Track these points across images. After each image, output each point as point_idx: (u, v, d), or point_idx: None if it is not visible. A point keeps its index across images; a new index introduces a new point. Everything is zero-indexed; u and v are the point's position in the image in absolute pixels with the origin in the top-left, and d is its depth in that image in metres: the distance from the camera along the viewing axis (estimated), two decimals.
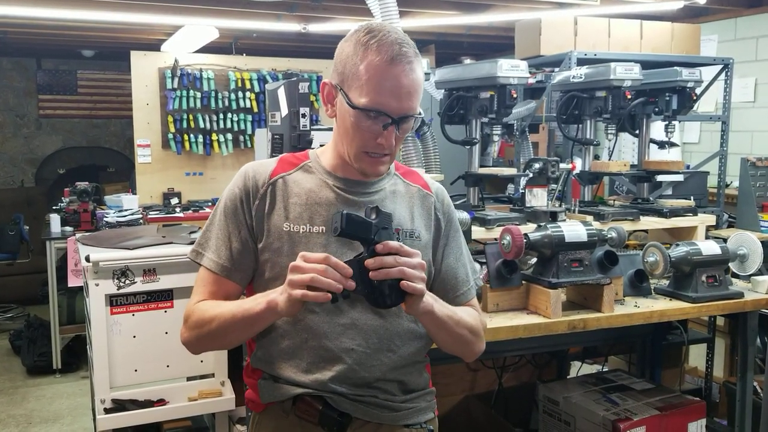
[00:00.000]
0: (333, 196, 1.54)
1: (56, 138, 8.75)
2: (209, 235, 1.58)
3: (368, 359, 1.50)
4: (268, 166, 1.59)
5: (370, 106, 1.42)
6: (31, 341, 5.32)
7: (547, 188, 2.94)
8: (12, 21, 5.53)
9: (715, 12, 5.40)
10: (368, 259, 1.33)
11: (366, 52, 1.43)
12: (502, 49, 7.07)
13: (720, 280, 2.67)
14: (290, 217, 1.52)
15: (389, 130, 1.44)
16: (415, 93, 1.45)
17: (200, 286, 1.57)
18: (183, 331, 1.56)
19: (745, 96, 5.19)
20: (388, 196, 1.58)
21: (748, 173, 4.05)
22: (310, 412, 1.51)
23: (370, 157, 1.49)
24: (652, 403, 2.92)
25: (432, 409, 1.66)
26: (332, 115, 1.54)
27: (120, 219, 4.76)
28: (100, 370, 2.98)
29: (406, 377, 1.58)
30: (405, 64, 1.42)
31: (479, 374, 3.40)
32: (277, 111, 2.86)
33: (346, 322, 1.49)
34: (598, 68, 3.17)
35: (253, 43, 6.87)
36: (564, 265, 2.42)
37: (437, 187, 1.69)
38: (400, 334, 1.54)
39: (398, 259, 1.33)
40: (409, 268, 1.34)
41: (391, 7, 3.33)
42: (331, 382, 1.49)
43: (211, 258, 1.55)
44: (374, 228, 1.35)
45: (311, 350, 1.50)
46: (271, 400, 1.56)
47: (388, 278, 1.33)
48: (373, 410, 1.54)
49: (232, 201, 1.56)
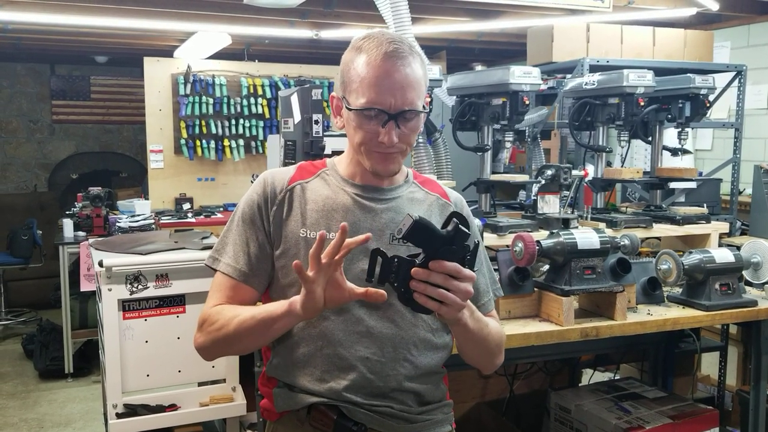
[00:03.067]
0: (350, 202, 1.53)
1: (69, 143, 8.80)
2: (226, 241, 1.57)
3: (383, 368, 1.48)
4: (286, 174, 1.59)
5: (366, 106, 1.44)
6: (43, 345, 5.35)
7: (559, 195, 2.93)
8: (26, 27, 5.58)
9: (728, 19, 5.38)
10: (417, 267, 1.29)
11: (359, 55, 1.46)
12: (514, 55, 7.07)
13: (733, 288, 2.65)
14: (307, 224, 1.51)
15: (389, 127, 1.44)
16: (409, 87, 1.44)
17: (216, 291, 1.55)
18: (197, 336, 1.54)
19: (758, 103, 5.16)
20: (406, 203, 1.58)
21: (761, 180, 4.03)
22: (324, 421, 1.49)
23: (379, 153, 1.49)
24: (664, 411, 2.91)
25: (449, 421, 1.63)
26: (341, 126, 1.55)
27: (132, 224, 4.79)
28: (112, 375, 3.00)
29: (423, 388, 1.55)
30: (397, 59, 1.43)
31: (490, 381, 3.39)
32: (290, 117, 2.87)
33: (362, 330, 1.48)
34: (611, 75, 3.16)
35: (266, 49, 6.90)
36: (576, 272, 2.41)
37: (456, 196, 1.69)
38: (416, 344, 1.52)
39: (447, 281, 1.28)
40: (453, 293, 1.29)
41: (403, 13, 3.34)
42: (346, 391, 1.48)
43: (228, 263, 1.55)
44: (440, 241, 1.29)
45: (326, 358, 1.48)
46: (286, 408, 1.54)
47: (425, 293, 1.29)
48: (388, 421, 1.51)
49: (250, 207, 1.56)
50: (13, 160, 8.55)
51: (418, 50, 1.50)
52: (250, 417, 3.24)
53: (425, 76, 1.50)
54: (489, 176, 2.99)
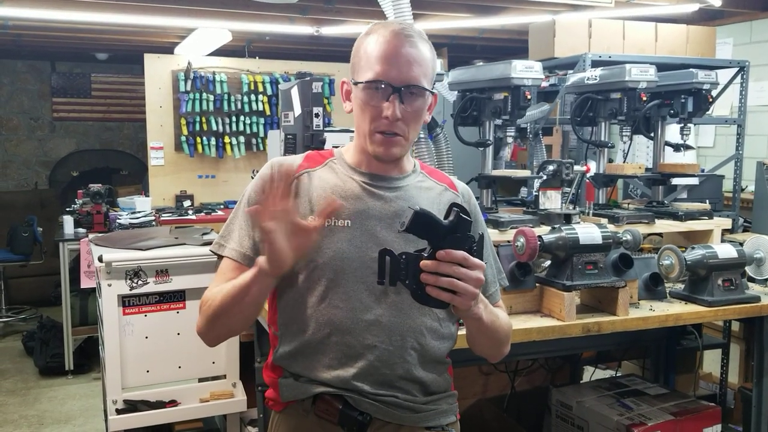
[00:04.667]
0: (359, 190, 1.54)
1: (70, 141, 8.80)
2: (232, 227, 1.57)
3: (390, 357, 1.49)
4: (294, 161, 1.60)
5: (371, 78, 1.47)
6: (43, 342, 5.35)
7: (561, 191, 2.92)
8: (26, 24, 5.57)
9: (731, 15, 5.36)
10: (426, 260, 1.29)
11: (369, 36, 1.51)
12: (516, 51, 7.05)
13: (736, 284, 2.63)
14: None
15: (392, 100, 1.46)
16: (415, 63, 1.47)
17: (219, 275, 1.55)
18: (198, 321, 1.54)
19: (760, 99, 5.14)
20: (415, 191, 1.58)
21: (764, 177, 4.01)
22: (329, 411, 1.50)
23: (382, 137, 1.49)
24: (666, 408, 2.89)
25: (454, 412, 1.64)
26: (350, 110, 1.57)
27: (133, 221, 4.77)
28: (112, 371, 2.99)
29: (429, 378, 1.55)
30: (404, 38, 1.47)
31: (492, 378, 3.38)
32: (291, 111, 2.85)
33: (370, 319, 1.48)
34: (613, 69, 3.14)
35: (266, 46, 6.89)
36: (578, 267, 2.39)
37: (463, 186, 1.70)
38: (423, 333, 1.52)
39: (456, 270, 1.28)
40: (464, 282, 1.29)
41: (404, 9, 3.32)
42: (354, 379, 1.48)
43: (234, 248, 1.54)
44: (444, 231, 1.29)
45: (334, 346, 1.49)
46: (291, 398, 1.54)
47: (437, 285, 1.29)
48: (394, 411, 1.51)
49: (257, 194, 1.55)
50: (13, 157, 8.55)
51: (426, 38, 1.52)
52: (250, 413, 3.23)
53: (433, 61, 1.52)
54: (490, 171, 2.97)
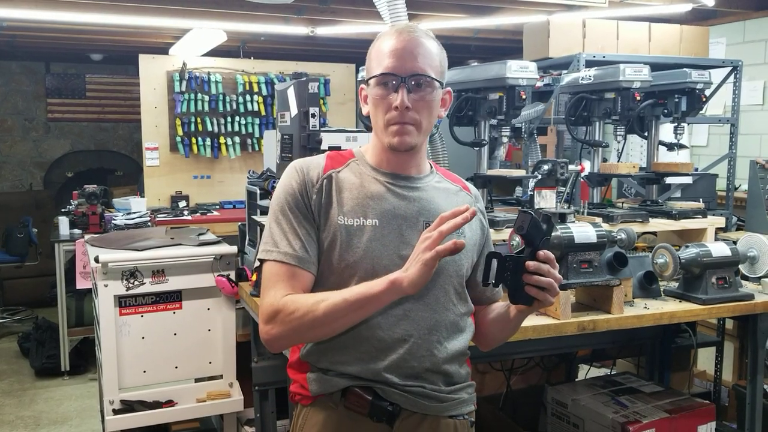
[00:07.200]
0: (383, 190, 1.58)
1: (65, 141, 8.78)
2: (274, 234, 1.55)
3: (419, 350, 1.54)
4: (319, 162, 1.62)
5: (379, 72, 1.54)
6: (39, 343, 5.34)
7: (555, 190, 2.93)
8: (21, 24, 5.56)
9: (724, 15, 5.38)
10: (530, 261, 1.45)
11: (380, 39, 1.59)
12: (510, 52, 7.07)
13: (730, 282, 2.66)
14: (344, 211, 1.55)
15: (399, 90, 1.51)
16: (421, 55, 1.53)
17: (276, 282, 1.52)
18: (269, 328, 1.50)
19: (753, 99, 5.17)
20: (433, 192, 1.63)
21: (757, 176, 4.03)
22: (360, 403, 1.54)
23: (395, 127, 1.54)
24: (661, 405, 2.91)
25: (473, 401, 1.70)
26: (367, 113, 1.61)
27: (128, 221, 4.77)
28: (108, 371, 2.99)
29: (452, 369, 1.62)
30: (408, 33, 1.54)
31: (487, 376, 3.39)
32: (287, 111, 2.85)
33: (399, 313, 1.53)
34: (607, 69, 3.16)
35: (261, 46, 6.89)
36: (573, 266, 2.42)
37: (475, 189, 1.79)
38: (447, 326, 1.59)
39: (550, 270, 1.46)
40: (556, 282, 1.46)
41: (400, 9, 3.33)
42: (385, 371, 1.53)
43: (284, 251, 1.53)
44: (542, 234, 1.46)
45: (365, 341, 1.53)
46: (321, 392, 1.57)
47: (538, 284, 1.45)
48: (421, 401, 1.56)
49: (292, 196, 1.56)
50: (8, 158, 8.54)
51: (432, 35, 1.59)
52: (247, 413, 3.23)
53: (440, 56, 1.59)
54: (486, 171, 2.99)
